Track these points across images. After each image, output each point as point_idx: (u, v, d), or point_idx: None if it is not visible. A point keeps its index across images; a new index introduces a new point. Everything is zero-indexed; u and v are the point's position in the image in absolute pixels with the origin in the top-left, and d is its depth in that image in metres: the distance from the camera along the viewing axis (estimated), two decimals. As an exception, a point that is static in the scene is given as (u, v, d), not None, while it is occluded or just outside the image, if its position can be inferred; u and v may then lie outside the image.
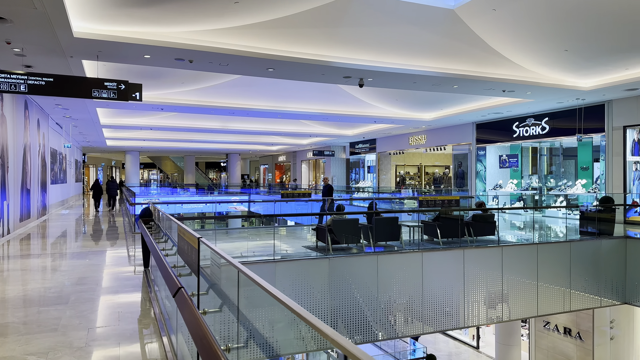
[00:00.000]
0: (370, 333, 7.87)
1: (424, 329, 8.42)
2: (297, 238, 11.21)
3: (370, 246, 8.45)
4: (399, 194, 23.87)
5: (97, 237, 11.22)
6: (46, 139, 16.93)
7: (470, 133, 19.59)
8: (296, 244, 10.07)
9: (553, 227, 14.76)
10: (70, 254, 8.59)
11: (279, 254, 8.05)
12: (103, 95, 9.09)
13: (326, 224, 8.44)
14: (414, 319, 8.28)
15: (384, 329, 8.01)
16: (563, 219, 15.27)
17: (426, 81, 11.32)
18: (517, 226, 15.68)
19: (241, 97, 16.00)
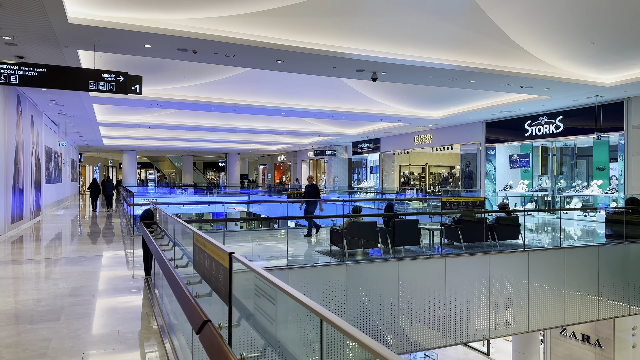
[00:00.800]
0: (391, 346, 7.25)
1: (447, 342, 7.79)
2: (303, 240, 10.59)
3: (389, 251, 7.82)
4: (404, 194, 23.27)
5: (93, 240, 10.56)
6: (40, 137, 16.25)
7: (479, 132, 19.00)
8: (305, 247, 9.45)
9: (568, 229, 14.19)
10: (64, 259, 7.94)
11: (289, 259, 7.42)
12: (100, 87, 8.45)
13: (341, 227, 7.81)
14: (437, 330, 7.66)
15: (406, 341, 7.38)
16: (579, 221, 14.70)
17: (443, 75, 10.72)
18: (529, 228, 15.12)
19: (244, 94, 15.37)
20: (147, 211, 6.90)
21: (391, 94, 15.64)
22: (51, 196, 19.18)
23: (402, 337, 7.37)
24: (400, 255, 7.78)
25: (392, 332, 7.24)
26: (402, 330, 7.38)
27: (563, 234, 13.24)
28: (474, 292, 8.05)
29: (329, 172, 32.34)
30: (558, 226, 14.27)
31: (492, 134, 18.50)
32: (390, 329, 7.29)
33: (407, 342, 7.52)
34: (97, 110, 17.26)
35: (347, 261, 7.18)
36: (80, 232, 12.68)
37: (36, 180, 15.28)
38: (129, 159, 37.66)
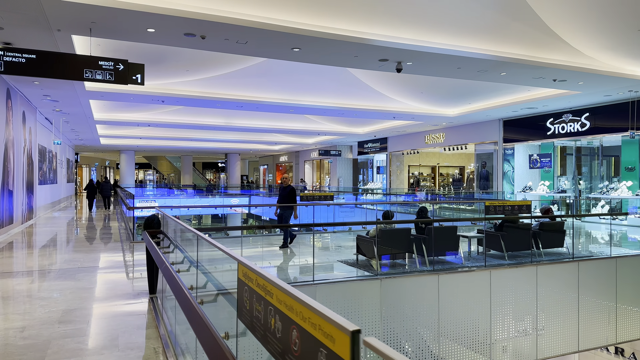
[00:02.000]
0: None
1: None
2: (323, 249, 9.64)
3: (424, 262, 6.88)
4: (415, 196, 22.32)
5: (89, 247, 9.58)
6: (33, 135, 15.26)
7: (496, 130, 18.09)
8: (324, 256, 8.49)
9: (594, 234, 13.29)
10: (56, 272, 6.97)
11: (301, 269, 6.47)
12: (97, 76, 7.49)
13: (371, 234, 6.86)
14: (481, 354, 6.72)
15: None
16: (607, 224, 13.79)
17: (472, 66, 9.80)
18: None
19: (251, 89, 14.43)
20: (152, 218, 5.94)
21: (407, 89, 14.72)
22: (45, 198, 18.19)
23: (446, 358, 6.43)
24: (440, 267, 6.83)
25: (436, 355, 6.30)
26: (444, 353, 6.44)
27: (593, 240, 12.33)
28: (520, 308, 7.11)
29: (333, 172, 31.41)
30: (583, 230, 13.38)
31: (510, 132, 17.59)
32: (431, 352, 6.35)
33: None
34: (94, 106, 16.28)
35: (381, 275, 6.23)
36: (76, 238, 11.70)
37: (28, 181, 14.29)
38: (127, 159, 36.66)
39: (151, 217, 5.98)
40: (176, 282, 3.28)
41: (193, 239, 3.23)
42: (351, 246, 8.62)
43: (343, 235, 10.22)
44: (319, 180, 35.53)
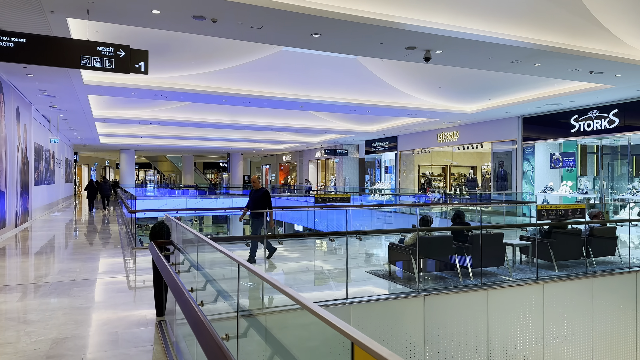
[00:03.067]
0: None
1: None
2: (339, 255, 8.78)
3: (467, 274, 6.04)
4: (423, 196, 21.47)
5: (87, 255, 8.72)
6: (28, 132, 14.41)
7: (515, 128, 17.24)
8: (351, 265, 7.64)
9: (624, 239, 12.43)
10: (48, 286, 6.12)
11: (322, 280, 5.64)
12: (96, 64, 6.64)
13: (407, 243, 6.02)
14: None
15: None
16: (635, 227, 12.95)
17: (507, 55, 8.96)
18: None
19: (260, 84, 13.59)
20: (159, 226, 5.08)
21: (424, 84, 13.89)
22: (42, 199, 17.34)
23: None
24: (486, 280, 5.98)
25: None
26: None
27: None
28: (575, 325, 6.26)
29: (339, 172, 30.56)
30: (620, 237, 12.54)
31: (530, 130, 16.75)
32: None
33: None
34: (93, 103, 15.43)
35: (424, 291, 5.38)
36: (72, 243, 10.85)
37: (23, 181, 13.45)
38: (127, 158, 35.83)
39: (158, 225, 5.13)
40: (197, 316, 2.45)
41: (228, 265, 2.39)
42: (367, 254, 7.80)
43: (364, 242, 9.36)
44: (323, 181, 34.69)
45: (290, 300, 1.66)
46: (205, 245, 3.17)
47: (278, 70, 12.77)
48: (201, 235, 3.17)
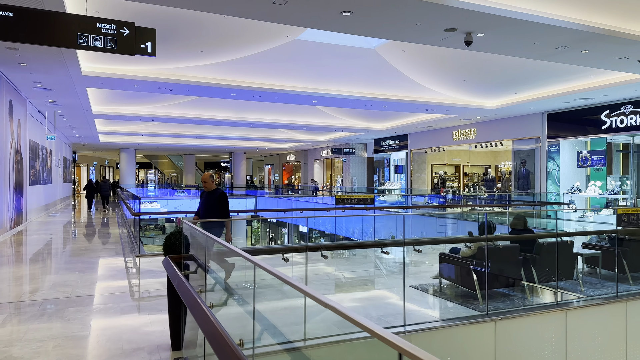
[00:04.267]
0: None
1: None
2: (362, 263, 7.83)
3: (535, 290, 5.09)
4: (438, 196, 20.52)
5: (85, 264, 7.76)
6: (23, 129, 13.45)
7: (538, 125, 16.31)
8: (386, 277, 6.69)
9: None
10: (37, 306, 5.13)
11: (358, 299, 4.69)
12: (95, 43, 5.70)
13: (464, 254, 5.07)
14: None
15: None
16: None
17: (554, 39, 8.02)
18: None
19: (271, 76, 12.66)
20: (175, 236, 4.11)
21: (446, 77, 12.96)
22: (38, 200, 16.39)
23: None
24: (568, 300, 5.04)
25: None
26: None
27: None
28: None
29: (346, 172, 29.61)
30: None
31: (555, 127, 15.82)
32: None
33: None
34: (92, 97, 14.49)
35: (494, 313, 4.42)
36: (69, 250, 9.89)
37: (17, 181, 12.50)
38: (128, 158, 34.86)
39: (174, 235, 4.17)
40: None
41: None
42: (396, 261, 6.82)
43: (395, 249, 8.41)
44: (329, 181, 33.75)
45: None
46: (254, 269, 2.23)
47: (291, 62, 11.85)
48: (255, 260, 2.23)
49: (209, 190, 6.45)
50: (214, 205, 6.26)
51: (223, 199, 6.34)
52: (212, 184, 6.46)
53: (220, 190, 6.48)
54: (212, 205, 6.27)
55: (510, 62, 11.19)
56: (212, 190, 6.45)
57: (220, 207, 6.25)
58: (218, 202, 6.31)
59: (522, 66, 11.40)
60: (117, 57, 10.49)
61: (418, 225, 11.95)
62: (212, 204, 6.27)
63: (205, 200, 6.42)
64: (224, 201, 6.34)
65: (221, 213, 6.22)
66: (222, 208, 6.25)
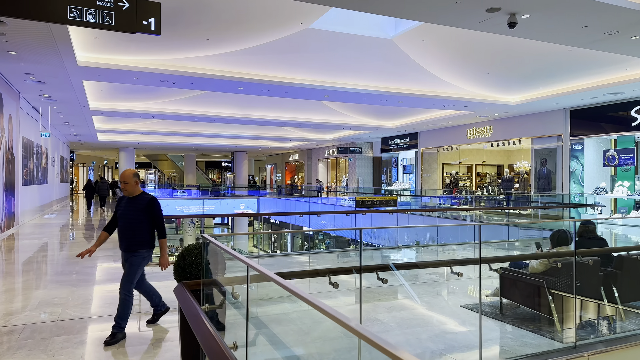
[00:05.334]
0: None
1: None
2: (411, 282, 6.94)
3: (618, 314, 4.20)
4: (450, 197, 19.66)
5: (79, 276, 6.87)
6: (15, 125, 12.57)
7: (560, 122, 15.45)
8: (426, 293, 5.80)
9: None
10: (18, 334, 4.22)
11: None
12: (89, 18, 4.83)
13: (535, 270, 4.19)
14: None
15: None
16: None
17: (605, 22, 7.15)
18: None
19: (280, 68, 11.80)
20: (191, 255, 3.21)
21: (469, 70, 12.10)
22: (32, 201, 15.50)
23: None
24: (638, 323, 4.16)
25: None
26: None
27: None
28: None
29: (352, 172, 28.75)
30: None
31: (579, 124, 14.96)
32: None
33: None
34: (89, 92, 13.60)
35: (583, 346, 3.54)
36: (62, 258, 9.00)
37: (8, 180, 11.62)
38: (127, 157, 33.98)
39: (189, 253, 3.27)
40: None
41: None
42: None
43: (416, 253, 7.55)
44: (334, 181, 32.89)
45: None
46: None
47: (302, 53, 10.98)
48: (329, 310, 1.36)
49: (130, 195, 4.58)
50: (138, 217, 4.48)
51: (153, 207, 4.55)
52: (136, 186, 4.61)
53: (148, 195, 4.63)
54: (136, 217, 4.48)
55: (540, 53, 10.36)
56: (136, 196, 4.59)
57: (149, 219, 4.52)
58: (146, 212, 4.50)
59: (551, 58, 10.57)
60: (115, 46, 9.62)
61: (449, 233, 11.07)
62: (136, 216, 4.48)
63: (126, 210, 4.54)
64: (156, 211, 4.56)
65: (151, 228, 4.54)
66: (152, 221, 4.55)
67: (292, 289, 1.60)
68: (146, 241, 4.51)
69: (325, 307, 1.56)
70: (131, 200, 4.58)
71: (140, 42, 9.40)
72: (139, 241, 4.48)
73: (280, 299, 3.31)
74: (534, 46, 9.78)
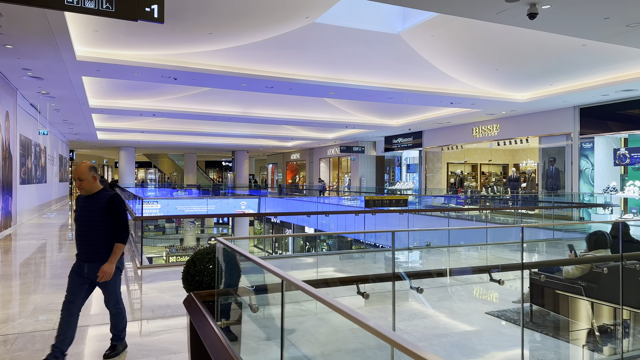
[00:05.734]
0: None
1: None
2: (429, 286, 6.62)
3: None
4: (456, 197, 19.34)
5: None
6: (12, 122, 12.25)
7: (570, 120, 15.14)
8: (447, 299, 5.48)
9: None
10: (10, 345, 3.94)
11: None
12: (87, 4, 4.53)
13: (570, 275, 3.87)
14: None
15: None
16: None
17: (629, 12, 6.84)
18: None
19: (285, 64, 11.49)
20: (200, 261, 2.88)
21: (478, 66, 11.79)
22: (30, 200, 15.18)
23: None
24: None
25: None
26: None
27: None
28: None
29: (354, 171, 28.43)
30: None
31: (589, 122, 14.64)
32: None
33: None
34: (88, 89, 13.29)
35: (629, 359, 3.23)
36: (58, 260, 8.68)
37: (5, 179, 11.30)
38: (127, 156, 33.65)
39: (199, 258, 2.94)
40: None
41: None
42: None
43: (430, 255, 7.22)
44: (336, 180, 32.57)
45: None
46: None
47: (307, 48, 10.67)
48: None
49: (88, 193, 3.84)
50: (98, 219, 3.75)
51: (114, 207, 3.79)
52: (94, 182, 3.85)
53: (109, 192, 3.88)
54: (95, 219, 3.75)
55: (552, 49, 10.06)
56: (95, 194, 3.84)
57: (110, 221, 3.77)
58: (107, 213, 3.76)
59: (564, 53, 10.27)
60: (115, 40, 9.30)
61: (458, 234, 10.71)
62: (95, 218, 3.75)
63: (83, 211, 3.84)
64: (115, 209, 3.79)
65: (112, 231, 3.77)
66: (114, 223, 3.78)
67: (348, 312, 1.29)
68: (107, 248, 3.73)
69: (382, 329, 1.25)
70: (89, 199, 3.83)
71: (141, 36, 9.09)
72: (98, 249, 3.72)
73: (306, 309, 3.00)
74: (547, 41, 9.47)
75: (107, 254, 3.73)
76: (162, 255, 22.48)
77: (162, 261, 20.79)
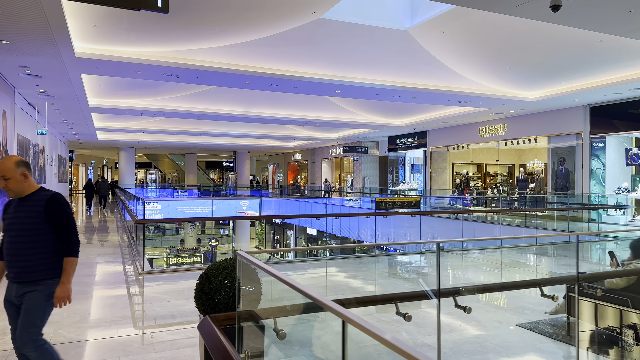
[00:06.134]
0: None
1: None
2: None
3: None
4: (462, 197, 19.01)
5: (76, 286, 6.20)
6: (9, 121, 11.91)
7: (580, 119, 14.81)
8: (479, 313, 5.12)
9: None
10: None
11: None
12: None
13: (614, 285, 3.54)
14: None
15: None
16: None
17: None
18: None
19: (290, 62, 11.17)
20: (214, 276, 2.50)
21: (489, 63, 11.47)
22: (29, 201, 14.81)
23: None
24: None
25: None
26: None
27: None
28: None
29: (357, 171, 28.10)
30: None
31: (600, 122, 14.32)
32: None
33: None
34: (88, 87, 12.97)
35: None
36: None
37: (2, 180, 10.92)
38: (127, 156, 33.31)
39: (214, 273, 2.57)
40: None
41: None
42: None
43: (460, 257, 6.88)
44: (338, 180, 32.24)
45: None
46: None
47: (313, 45, 10.34)
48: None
49: (19, 195, 2.99)
50: (33, 225, 2.93)
51: (56, 210, 3.00)
52: (26, 181, 3.00)
53: (48, 192, 3.08)
54: (30, 226, 2.93)
55: (566, 45, 9.74)
56: (29, 195, 3.01)
57: (53, 229, 2.98)
58: (46, 218, 2.95)
59: (579, 50, 9.94)
60: (115, 36, 8.97)
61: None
62: (30, 225, 2.93)
63: (14, 218, 2.98)
64: (58, 213, 3.00)
65: (56, 242, 2.99)
66: (58, 231, 2.99)
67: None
68: (48, 264, 2.91)
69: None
70: (22, 202, 2.97)
71: (142, 31, 8.76)
72: (35, 265, 2.87)
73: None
74: (562, 38, 9.16)
75: (47, 272, 2.90)
76: (162, 257, 22.16)
77: (163, 262, 20.44)
